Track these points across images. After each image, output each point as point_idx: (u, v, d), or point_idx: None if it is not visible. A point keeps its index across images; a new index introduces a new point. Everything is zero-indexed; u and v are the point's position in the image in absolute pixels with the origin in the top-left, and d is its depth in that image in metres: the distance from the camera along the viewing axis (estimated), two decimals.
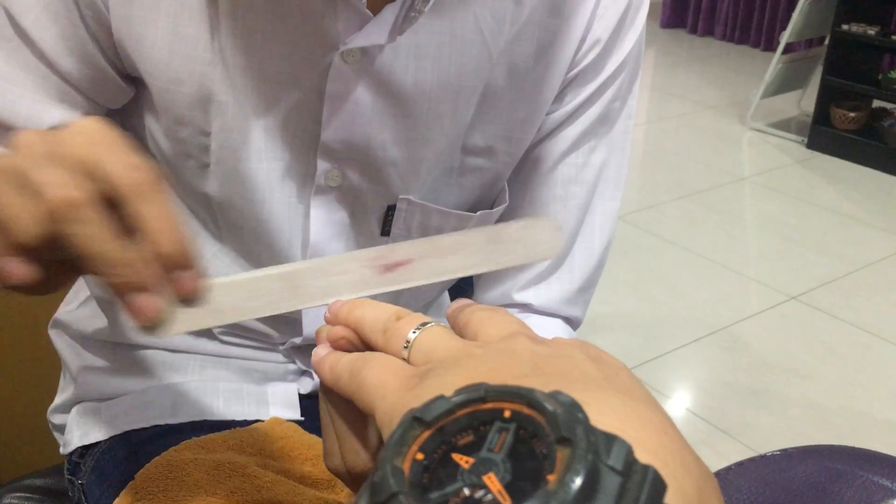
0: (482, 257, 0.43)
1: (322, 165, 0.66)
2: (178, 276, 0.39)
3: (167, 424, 0.73)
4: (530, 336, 0.35)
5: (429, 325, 0.37)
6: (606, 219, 0.76)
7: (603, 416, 0.27)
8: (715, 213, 3.09)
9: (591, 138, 0.72)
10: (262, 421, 0.75)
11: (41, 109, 0.62)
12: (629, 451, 0.24)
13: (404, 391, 0.33)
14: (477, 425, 0.25)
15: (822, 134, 3.61)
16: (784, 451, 0.62)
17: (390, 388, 0.34)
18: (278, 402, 0.78)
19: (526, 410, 0.25)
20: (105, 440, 0.75)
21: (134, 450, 0.72)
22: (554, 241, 0.45)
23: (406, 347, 0.37)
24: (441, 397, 0.26)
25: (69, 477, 0.79)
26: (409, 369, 0.35)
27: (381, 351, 0.38)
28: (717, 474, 0.64)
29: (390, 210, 0.70)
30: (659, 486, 0.24)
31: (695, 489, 0.26)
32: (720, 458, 1.83)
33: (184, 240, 0.39)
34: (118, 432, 0.74)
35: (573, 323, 0.79)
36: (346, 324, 0.41)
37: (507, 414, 0.25)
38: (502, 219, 0.75)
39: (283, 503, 0.66)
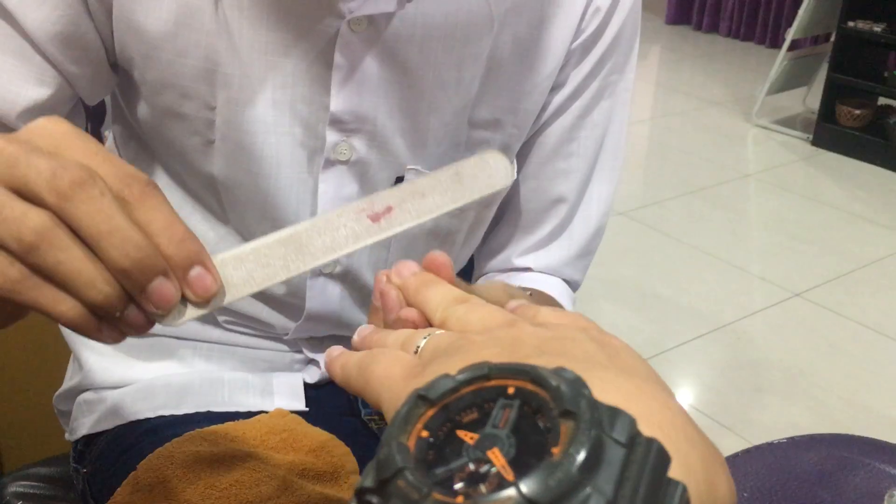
0: (452, 195, 0.45)
1: (331, 138, 0.66)
2: (192, 275, 0.39)
3: (172, 415, 0.74)
4: (531, 321, 0.36)
5: (437, 334, 0.38)
6: (604, 188, 0.78)
7: (606, 392, 0.27)
8: (719, 209, 3.09)
9: (592, 113, 0.74)
10: (267, 412, 0.75)
11: (17, 91, 0.62)
12: (633, 423, 0.24)
13: (409, 378, 0.33)
14: (481, 402, 0.26)
15: (828, 131, 3.61)
16: (791, 438, 0.62)
17: (396, 378, 0.34)
18: (283, 393, 0.78)
19: (530, 386, 0.25)
20: (110, 429, 0.75)
21: (138, 440, 0.72)
22: (507, 168, 0.47)
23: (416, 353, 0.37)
24: (446, 376, 0.26)
25: (74, 465, 0.79)
26: (415, 359, 0.35)
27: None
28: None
29: (398, 182, 0.70)
30: (663, 458, 0.24)
31: (700, 462, 0.27)
32: (723, 453, 1.83)
33: (191, 239, 0.38)
34: (123, 422, 0.74)
35: (572, 285, 0.81)
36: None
37: (511, 390, 0.25)
38: (510, 194, 0.77)
39: (284, 497, 0.66)
